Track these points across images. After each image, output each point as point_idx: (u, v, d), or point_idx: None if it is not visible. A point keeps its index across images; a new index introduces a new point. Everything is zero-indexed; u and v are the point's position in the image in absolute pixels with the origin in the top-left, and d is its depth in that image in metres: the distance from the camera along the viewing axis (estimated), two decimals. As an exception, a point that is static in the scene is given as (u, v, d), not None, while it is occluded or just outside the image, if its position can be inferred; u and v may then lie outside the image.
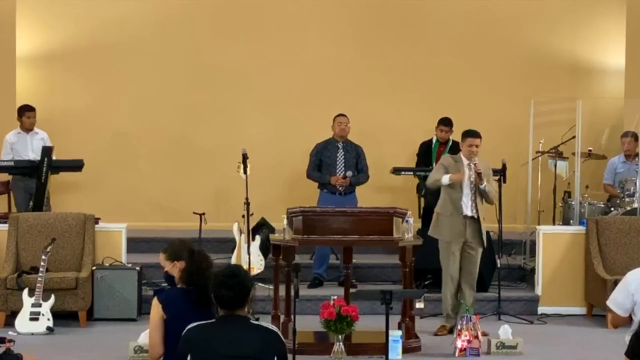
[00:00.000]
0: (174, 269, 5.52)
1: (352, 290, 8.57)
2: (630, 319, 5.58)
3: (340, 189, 10.35)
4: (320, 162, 10.50)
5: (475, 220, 8.91)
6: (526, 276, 10.56)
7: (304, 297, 9.31)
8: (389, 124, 12.41)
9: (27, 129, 10.96)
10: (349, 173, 10.35)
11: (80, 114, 12.30)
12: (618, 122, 12.23)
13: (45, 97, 12.04)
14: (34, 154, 10.67)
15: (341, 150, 10.50)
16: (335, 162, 10.47)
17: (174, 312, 5.23)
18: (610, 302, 5.68)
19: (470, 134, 8.97)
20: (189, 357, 4.69)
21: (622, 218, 10.09)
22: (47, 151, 10.34)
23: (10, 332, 8.61)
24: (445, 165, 8.98)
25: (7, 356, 7.38)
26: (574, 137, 11.17)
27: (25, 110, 10.99)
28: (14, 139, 10.92)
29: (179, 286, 5.42)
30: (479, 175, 8.84)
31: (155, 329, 5.26)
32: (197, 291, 5.26)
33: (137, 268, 9.56)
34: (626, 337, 5.54)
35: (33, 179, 10.40)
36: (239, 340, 4.69)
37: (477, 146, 8.92)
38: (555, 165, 11.52)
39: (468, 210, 8.88)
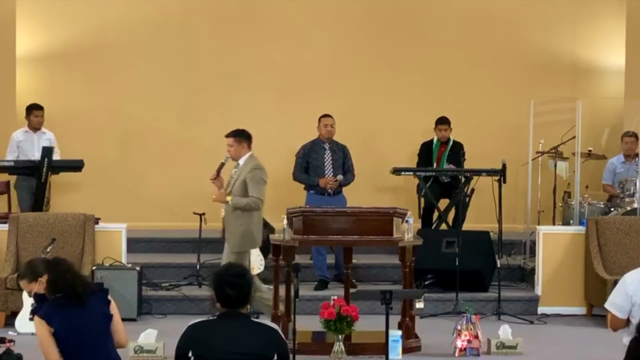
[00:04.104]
0: (40, 286, 5.43)
1: (352, 290, 8.56)
2: (628, 322, 5.54)
3: (329, 190, 10.30)
4: (307, 164, 10.45)
5: None
6: (526, 276, 10.55)
7: (304, 297, 9.31)
8: (389, 124, 12.40)
9: (35, 127, 10.98)
10: (340, 177, 10.29)
11: (80, 114, 12.28)
12: (618, 122, 12.22)
13: (46, 97, 12.00)
14: (40, 154, 10.65)
15: (328, 152, 10.44)
16: (323, 163, 10.41)
17: (59, 322, 5.19)
18: (608, 305, 5.61)
19: None
20: (190, 354, 4.70)
21: (622, 218, 10.09)
22: (47, 151, 10.33)
23: (10, 332, 8.59)
24: None
25: (7, 356, 7.38)
26: (574, 137, 11.16)
27: (33, 109, 11.01)
28: (22, 137, 10.94)
29: (51, 298, 5.35)
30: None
31: (48, 344, 5.20)
32: (68, 294, 5.24)
33: (137, 268, 9.54)
34: (623, 338, 5.50)
35: (36, 178, 10.42)
36: (240, 337, 4.73)
37: (230, 145, 8.97)
38: (555, 166, 11.51)
39: None
